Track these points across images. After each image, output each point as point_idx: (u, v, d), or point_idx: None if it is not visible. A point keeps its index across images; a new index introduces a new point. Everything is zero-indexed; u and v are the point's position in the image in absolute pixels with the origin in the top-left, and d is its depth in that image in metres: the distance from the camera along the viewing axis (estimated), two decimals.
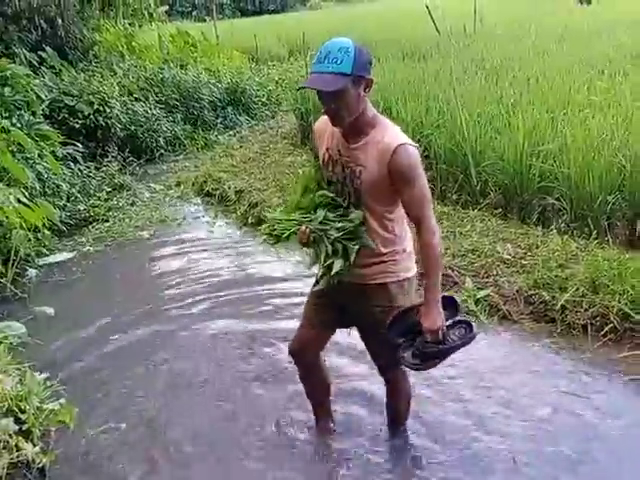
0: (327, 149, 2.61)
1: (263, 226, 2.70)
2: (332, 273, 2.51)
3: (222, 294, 4.99)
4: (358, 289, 2.65)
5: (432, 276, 2.51)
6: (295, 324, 3.09)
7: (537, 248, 4.79)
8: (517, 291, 4.33)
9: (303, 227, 2.53)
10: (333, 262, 2.50)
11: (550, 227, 5.19)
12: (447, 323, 2.54)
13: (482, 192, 5.94)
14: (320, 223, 2.52)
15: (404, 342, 2.57)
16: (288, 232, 2.55)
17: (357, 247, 2.50)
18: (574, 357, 3.76)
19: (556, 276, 4.29)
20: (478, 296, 4.34)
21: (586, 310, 4.00)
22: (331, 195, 2.57)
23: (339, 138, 2.55)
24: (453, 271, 4.66)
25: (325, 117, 2.55)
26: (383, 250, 2.57)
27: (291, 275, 5.22)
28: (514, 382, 3.57)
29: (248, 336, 4.28)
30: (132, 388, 3.77)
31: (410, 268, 2.68)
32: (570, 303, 4.06)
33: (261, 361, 3.97)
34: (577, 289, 4.12)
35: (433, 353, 2.54)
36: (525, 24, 14.63)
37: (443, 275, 4.52)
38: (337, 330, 2.95)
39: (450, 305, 2.62)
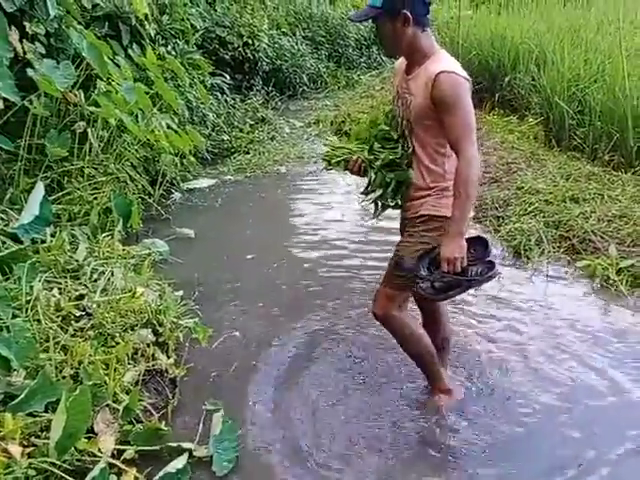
0: (396, 85, 2.70)
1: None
2: (370, 201, 2.70)
3: (347, 237, 5.04)
4: (406, 224, 2.71)
5: (458, 206, 2.42)
6: None
7: None
8: None
9: (355, 156, 2.64)
10: (375, 191, 2.64)
11: None
12: (470, 258, 2.48)
13: (638, 155, 5.50)
14: (369, 153, 2.64)
15: (427, 275, 2.53)
16: (338, 159, 2.69)
17: (396, 178, 2.60)
18: None
19: None
20: (621, 265, 4.09)
21: None
22: (386, 129, 2.65)
23: (402, 72, 2.64)
24: (596, 236, 4.41)
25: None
26: (430, 184, 2.59)
27: None
28: None
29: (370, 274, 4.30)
30: (258, 308, 3.89)
31: None
32: None
33: None
34: None
35: (448, 282, 2.49)
36: None
37: (583, 240, 4.42)
38: None
39: (481, 246, 2.57)
